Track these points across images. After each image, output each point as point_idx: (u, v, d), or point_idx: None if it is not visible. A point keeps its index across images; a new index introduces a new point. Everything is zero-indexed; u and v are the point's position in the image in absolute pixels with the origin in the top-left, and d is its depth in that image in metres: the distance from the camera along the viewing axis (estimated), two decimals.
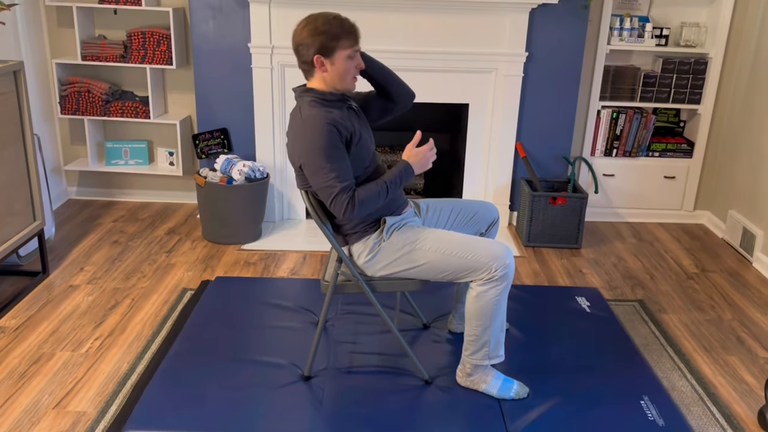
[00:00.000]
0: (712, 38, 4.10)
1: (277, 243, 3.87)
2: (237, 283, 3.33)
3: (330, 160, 2.22)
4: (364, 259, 2.41)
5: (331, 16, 2.27)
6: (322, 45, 2.24)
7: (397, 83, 2.51)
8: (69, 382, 2.53)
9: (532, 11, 3.83)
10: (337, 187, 2.22)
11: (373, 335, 2.86)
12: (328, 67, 2.28)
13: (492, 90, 3.98)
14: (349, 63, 2.30)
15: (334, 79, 2.31)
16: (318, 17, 2.27)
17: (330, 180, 2.22)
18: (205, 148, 4.05)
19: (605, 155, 4.27)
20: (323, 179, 2.23)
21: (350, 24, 2.28)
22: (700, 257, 3.85)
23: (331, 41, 2.24)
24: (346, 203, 2.22)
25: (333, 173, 2.22)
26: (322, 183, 2.24)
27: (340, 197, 2.22)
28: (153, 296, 3.21)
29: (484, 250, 2.30)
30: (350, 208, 2.23)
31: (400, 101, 2.54)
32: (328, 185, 2.23)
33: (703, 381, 2.64)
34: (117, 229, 4.00)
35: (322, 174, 2.22)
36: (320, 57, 2.26)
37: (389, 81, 2.50)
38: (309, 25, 2.26)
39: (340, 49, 2.26)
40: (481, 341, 2.39)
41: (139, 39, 4.01)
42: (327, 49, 2.25)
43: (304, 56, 2.29)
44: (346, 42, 2.26)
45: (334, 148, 2.23)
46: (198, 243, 3.85)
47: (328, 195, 2.24)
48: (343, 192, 2.22)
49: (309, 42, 2.25)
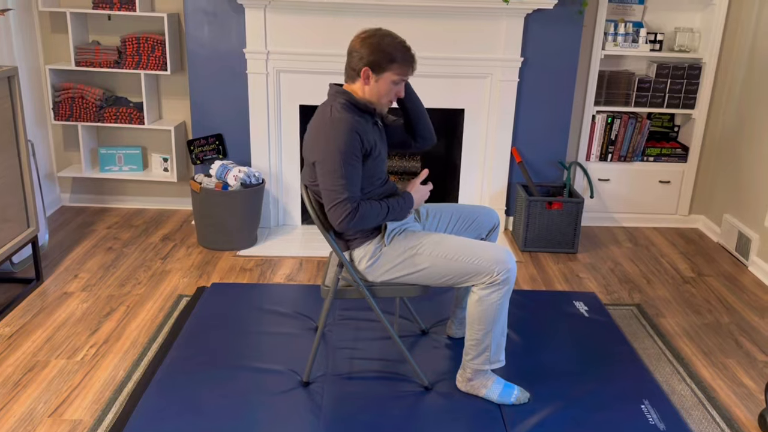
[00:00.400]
0: (705, 43, 4.12)
1: (273, 249, 3.85)
2: (233, 289, 3.31)
3: (345, 166, 2.21)
4: (366, 265, 2.39)
5: (398, 41, 2.31)
6: (377, 61, 2.27)
7: (426, 124, 2.56)
8: (64, 390, 2.50)
9: (527, 17, 3.84)
10: (344, 194, 2.21)
11: (372, 341, 2.84)
12: (371, 82, 2.30)
13: (487, 95, 3.99)
14: (392, 87, 2.33)
15: (371, 94, 2.33)
16: (387, 35, 2.30)
17: (338, 185, 2.21)
18: (200, 154, 4.03)
19: (600, 160, 4.28)
20: (333, 182, 2.22)
21: (412, 54, 2.32)
22: (696, 261, 3.86)
23: (387, 62, 2.27)
24: (347, 213, 2.21)
25: (344, 180, 2.21)
26: (330, 186, 2.23)
27: (342, 205, 2.21)
28: (148, 303, 3.18)
29: (486, 254, 2.29)
30: (348, 219, 2.22)
31: (421, 141, 2.58)
32: (335, 190, 2.22)
33: (702, 385, 2.63)
34: (111, 235, 3.97)
35: (333, 177, 2.22)
36: (368, 70, 2.28)
37: (420, 118, 2.54)
38: (374, 38, 2.29)
39: (390, 72, 2.29)
40: (483, 346, 2.38)
41: (134, 44, 3.99)
42: (379, 66, 2.28)
43: (355, 63, 2.31)
44: (400, 69, 2.30)
45: (353, 155, 2.23)
46: (193, 249, 3.82)
47: (332, 200, 2.23)
48: (347, 201, 2.21)
49: (366, 53, 2.28)
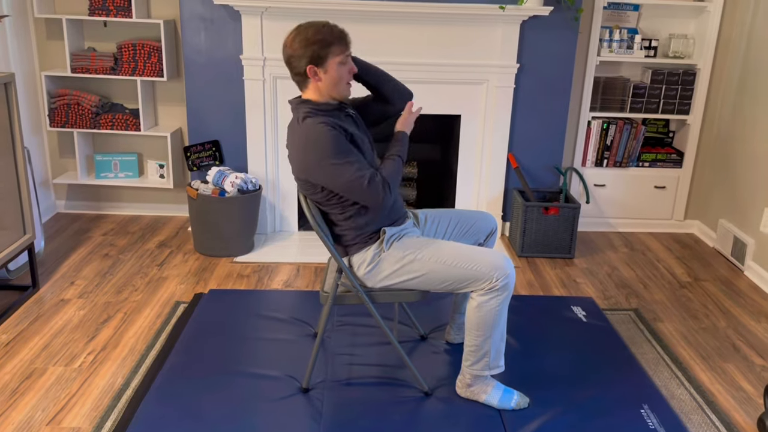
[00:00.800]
0: (700, 49, 4.15)
1: (270, 255, 3.84)
2: (231, 295, 3.30)
3: (343, 156, 2.20)
4: (365, 270, 2.39)
5: (320, 25, 2.27)
6: (314, 54, 2.24)
7: (392, 84, 2.51)
8: (62, 398, 2.48)
9: (523, 23, 3.86)
10: (366, 174, 2.21)
11: (370, 347, 2.84)
12: (321, 75, 2.28)
13: (484, 101, 4.00)
14: (342, 69, 2.30)
15: (328, 88, 2.30)
16: (308, 27, 2.26)
17: (354, 172, 2.20)
18: (197, 161, 4.03)
19: (596, 166, 4.30)
20: (347, 176, 2.21)
21: (339, 30, 2.28)
22: (692, 266, 3.87)
23: (323, 49, 2.24)
24: (381, 185, 2.23)
25: (354, 166, 2.21)
26: (347, 179, 2.21)
27: (373, 182, 2.21)
28: (146, 310, 3.17)
29: (485, 260, 2.29)
30: (386, 188, 2.24)
31: (398, 100, 2.52)
32: (355, 177, 2.20)
33: (701, 389, 2.64)
34: (107, 242, 3.96)
35: (342, 172, 2.20)
36: (313, 67, 2.26)
37: (384, 82, 2.49)
38: (299, 35, 2.25)
39: (332, 56, 2.26)
40: (482, 351, 2.38)
41: (130, 51, 3.98)
42: (319, 58, 2.25)
43: (297, 68, 2.29)
44: (338, 48, 2.26)
45: (343, 145, 2.22)
46: (190, 256, 3.81)
47: (360, 186, 2.21)
48: (371, 179, 2.21)
49: (301, 53, 2.25)
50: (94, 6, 3.89)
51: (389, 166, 2.31)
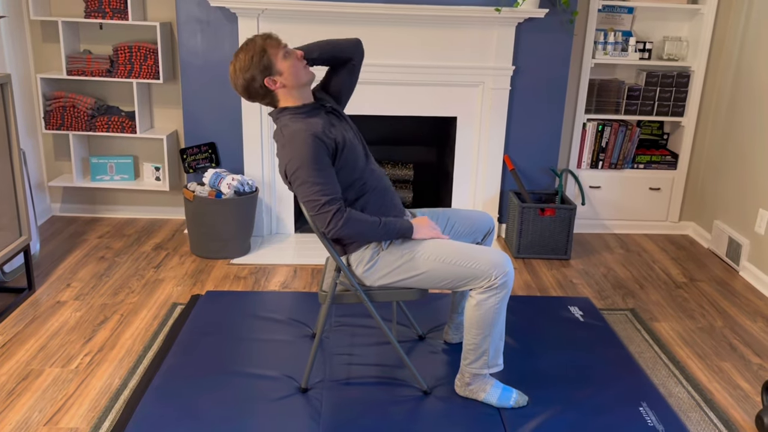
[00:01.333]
0: (694, 52, 4.18)
1: (267, 257, 3.84)
2: (228, 297, 3.29)
3: (314, 174, 2.21)
4: (363, 269, 2.39)
5: (244, 44, 2.32)
6: (260, 68, 2.28)
7: (338, 43, 2.48)
8: (60, 399, 2.47)
9: (519, 25, 3.88)
10: (322, 198, 2.22)
11: (368, 346, 2.84)
12: (278, 79, 2.30)
13: (480, 103, 4.01)
14: (290, 59, 2.31)
15: (292, 82, 2.32)
16: (237, 54, 2.32)
17: (313, 194, 2.22)
18: (193, 163, 4.02)
19: (591, 167, 4.32)
20: (308, 191, 2.23)
21: (262, 35, 2.33)
22: (688, 267, 3.89)
23: (262, 59, 2.28)
24: (331, 215, 2.22)
25: (317, 186, 2.21)
26: (306, 196, 2.24)
27: (324, 208, 2.22)
28: (142, 311, 3.16)
29: (484, 259, 2.30)
30: (335, 221, 2.22)
31: (352, 54, 2.50)
32: (312, 199, 2.23)
33: (699, 387, 2.65)
34: (103, 245, 3.94)
35: (306, 187, 2.23)
36: (267, 79, 2.29)
37: (331, 47, 2.47)
38: (237, 66, 2.31)
39: (275, 59, 2.29)
40: (481, 350, 2.38)
41: (126, 53, 3.98)
42: (266, 68, 2.28)
43: (257, 90, 2.33)
44: (272, 49, 2.29)
45: (319, 161, 2.22)
46: (186, 258, 3.80)
47: (312, 208, 2.24)
48: (327, 204, 2.22)
49: (249, 76, 2.29)
50: (90, 8, 3.89)
51: (364, 216, 2.28)
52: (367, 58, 3.84)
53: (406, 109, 3.99)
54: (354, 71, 2.54)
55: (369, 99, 3.95)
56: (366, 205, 2.38)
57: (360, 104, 3.96)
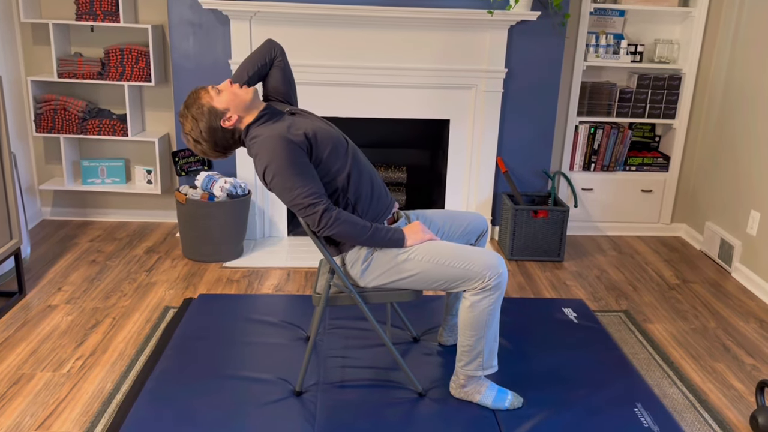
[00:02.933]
0: (685, 54, 4.20)
1: (260, 260, 3.82)
2: (221, 300, 3.27)
3: (292, 179, 2.21)
4: (357, 270, 2.38)
5: (188, 101, 2.34)
6: (210, 116, 2.30)
7: (256, 55, 2.50)
8: (51, 403, 2.44)
9: (511, 28, 3.89)
10: (305, 202, 2.22)
11: (363, 349, 2.83)
12: (231, 114, 2.32)
13: (472, 106, 4.02)
14: (229, 93, 2.33)
15: (242, 107, 2.33)
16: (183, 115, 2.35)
17: (296, 198, 2.22)
18: (185, 166, 4.00)
19: (584, 170, 4.33)
20: (289, 197, 2.23)
21: (195, 89, 2.36)
22: (680, 268, 3.90)
23: (203, 107, 2.30)
24: (319, 215, 2.22)
25: (297, 190, 2.21)
26: (289, 200, 2.24)
27: (311, 209, 2.22)
28: (134, 315, 3.14)
29: (478, 260, 2.29)
30: (324, 221, 2.22)
31: (272, 54, 2.51)
32: (296, 203, 2.23)
33: (693, 388, 2.65)
34: (94, 248, 3.92)
35: (287, 193, 2.23)
36: (222, 120, 2.31)
37: (253, 62, 2.49)
38: (190, 123, 2.33)
39: (214, 102, 2.31)
40: (475, 352, 2.37)
41: (117, 56, 3.96)
42: (214, 113, 2.30)
43: (224, 137, 2.35)
44: (206, 94, 2.32)
45: (294, 163, 2.21)
46: (178, 261, 3.78)
47: (298, 211, 2.25)
48: (313, 206, 2.22)
49: (205, 127, 2.31)
50: (81, 11, 3.87)
51: (354, 218, 2.27)
52: (359, 61, 3.84)
53: (398, 111, 3.98)
54: (283, 66, 2.55)
55: (362, 102, 3.95)
56: (359, 195, 2.35)
57: (352, 107, 3.95)
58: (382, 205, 2.43)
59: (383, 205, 2.44)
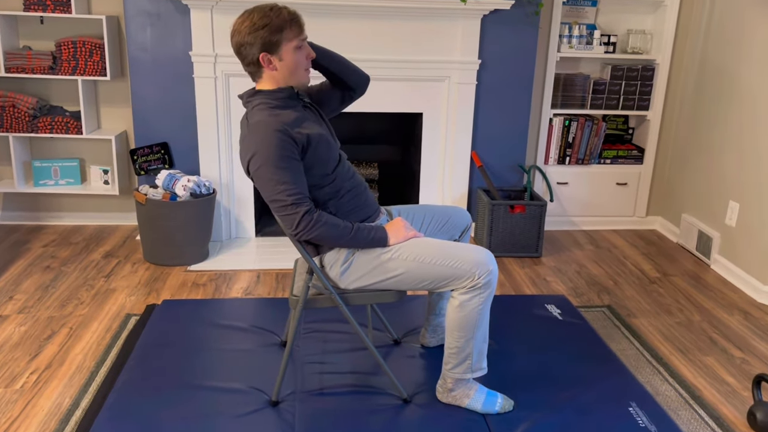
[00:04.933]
0: (658, 45, 4.14)
1: (227, 263, 3.63)
2: (187, 305, 3.08)
3: (279, 173, 2.04)
4: (337, 271, 2.23)
5: (268, 8, 2.09)
6: (266, 41, 2.07)
7: (352, 69, 2.36)
8: (3, 422, 2.23)
9: (484, 17, 3.77)
10: (287, 200, 2.05)
11: (341, 353, 2.67)
12: (276, 64, 2.11)
13: (446, 98, 3.89)
14: (299, 55, 2.14)
15: (285, 76, 2.15)
16: (254, 11, 2.09)
17: (279, 193, 2.05)
18: (144, 164, 3.79)
19: (558, 163, 4.24)
20: (272, 191, 2.06)
21: (291, 12, 2.11)
22: (659, 262, 3.83)
23: (274, 35, 2.07)
24: (300, 216, 2.06)
25: (282, 185, 2.05)
26: (271, 195, 2.07)
27: (290, 210, 2.06)
28: (93, 324, 2.92)
29: (466, 257, 2.16)
30: (304, 224, 2.06)
31: (357, 87, 2.38)
32: (277, 198, 2.06)
33: (685, 384, 2.56)
34: (48, 254, 3.67)
35: (270, 185, 2.06)
36: (266, 54, 2.09)
37: (343, 68, 2.34)
38: (246, 21, 2.08)
39: (286, 42, 2.09)
40: (464, 354, 2.24)
41: (70, 49, 3.72)
42: (271, 44, 2.08)
43: (249, 57, 2.11)
44: (291, 32, 2.10)
45: (285, 158, 2.05)
46: (139, 266, 3.56)
47: (277, 208, 2.08)
48: (294, 206, 2.05)
49: (250, 40, 2.07)
50: (30, 1, 3.62)
51: (335, 219, 2.12)
52: None
53: (369, 105, 3.83)
54: (347, 101, 2.41)
55: None
56: (339, 207, 2.21)
57: None
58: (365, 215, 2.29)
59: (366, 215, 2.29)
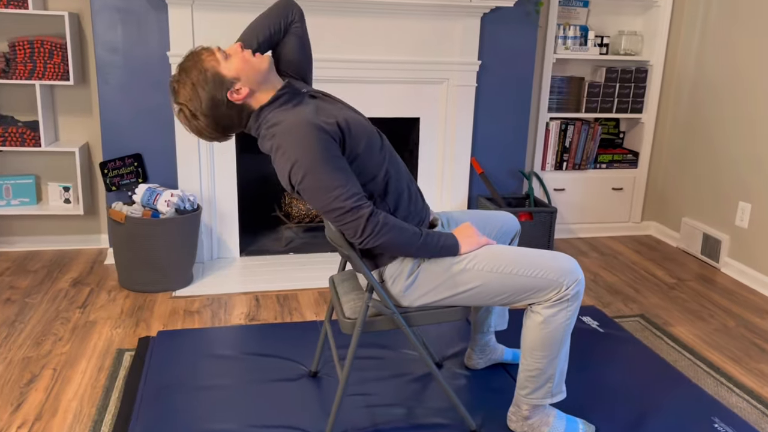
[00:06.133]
0: (651, 46, 4.05)
1: (216, 286, 3.25)
2: (187, 336, 2.69)
3: (327, 176, 1.75)
4: (401, 286, 1.93)
5: (174, 81, 1.86)
6: (215, 84, 1.82)
7: (269, 16, 2.04)
8: None
9: (484, 16, 3.57)
10: (346, 206, 1.76)
11: (383, 382, 2.36)
12: (241, 87, 1.84)
13: (444, 102, 3.65)
14: (239, 59, 1.86)
15: (257, 80, 1.87)
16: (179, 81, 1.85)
17: (333, 201, 1.76)
18: (116, 179, 3.36)
19: (556, 169, 4.07)
20: (325, 200, 1.77)
21: (185, 57, 1.87)
22: (668, 267, 3.71)
23: (207, 76, 1.82)
24: (364, 221, 1.77)
25: (335, 191, 1.75)
26: (325, 205, 1.78)
27: (353, 216, 1.76)
28: (81, 363, 2.49)
29: (551, 265, 1.90)
30: (370, 228, 1.77)
31: (288, 15, 2.05)
32: (334, 207, 1.77)
33: (754, 394, 2.39)
34: (5, 284, 3.18)
35: (321, 195, 1.76)
36: (230, 93, 1.84)
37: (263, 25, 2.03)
38: (188, 91, 1.84)
39: (221, 68, 1.84)
40: (545, 376, 1.98)
41: (26, 50, 3.27)
42: (219, 82, 1.83)
43: (226, 114, 1.86)
44: (211, 57, 1.84)
45: (329, 158, 1.76)
46: (117, 293, 3.13)
47: (336, 218, 1.79)
48: (356, 210, 1.76)
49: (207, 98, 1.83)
50: None
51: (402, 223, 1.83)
52: (317, 53, 3.37)
53: (362, 110, 3.55)
54: (300, 33, 2.07)
55: None
56: (398, 200, 1.92)
57: None
58: (421, 210, 2.01)
59: (421, 210, 2.01)
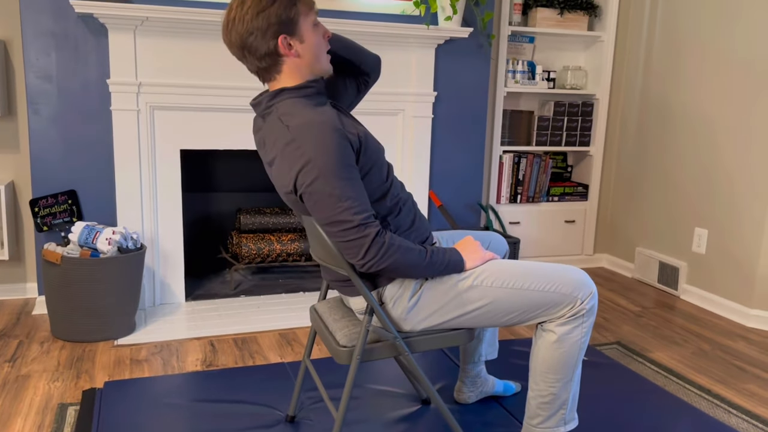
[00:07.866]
0: (596, 80, 4.12)
1: (164, 332, 2.94)
2: (140, 385, 2.38)
3: (341, 184, 1.58)
4: (402, 308, 1.75)
5: None
6: (281, 19, 1.64)
7: (364, 52, 1.94)
8: None
9: (438, 48, 3.52)
10: (354, 220, 1.59)
11: (367, 423, 2.13)
12: (298, 47, 1.68)
13: (400, 134, 3.55)
14: (317, 32, 1.71)
15: (310, 62, 1.71)
16: None
17: (342, 212, 1.59)
18: (48, 218, 3.04)
19: (510, 202, 4.02)
20: (333, 210, 1.59)
21: None
22: (630, 296, 3.67)
23: (289, 9, 1.65)
24: (370, 240, 1.60)
25: (347, 201, 1.59)
26: (331, 215, 1.60)
27: (360, 233, 1.59)
28: (16, 421, 2.15)
29: (564, 278, 1.77)
30: (375, 249, 1.60)
31: (372, 70, 1.96)
32: (341, 219, 1.59)
33: (752, 414, 2.32)
34: None
35: (330, 203, 1.59)
36: (286, 37, 1.66)
37: (355, 50, 1.92)
38: (246, 3, 1.64)
39: (303, 17, 1.68)
40: (559, 401, 1.83)
41: None
42: (289, 22, 1.65)
43: (262, 47, 1.66)
44: (304, 5, 1.69)
45: (348, 166, 1.60)
46: (50, 344, 2.78)
47: (340, 232, 1.61)
48: (364, 227, 1.59)
49: (260, 24, 1.63)
50: None
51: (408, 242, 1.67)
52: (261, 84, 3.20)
53: None
54: (363, 89, 1.98)
55: None
56: (399, 224, 1.77)
57: None
58: (426, 229, 1.86)
59: (427, 229, 1.86)
